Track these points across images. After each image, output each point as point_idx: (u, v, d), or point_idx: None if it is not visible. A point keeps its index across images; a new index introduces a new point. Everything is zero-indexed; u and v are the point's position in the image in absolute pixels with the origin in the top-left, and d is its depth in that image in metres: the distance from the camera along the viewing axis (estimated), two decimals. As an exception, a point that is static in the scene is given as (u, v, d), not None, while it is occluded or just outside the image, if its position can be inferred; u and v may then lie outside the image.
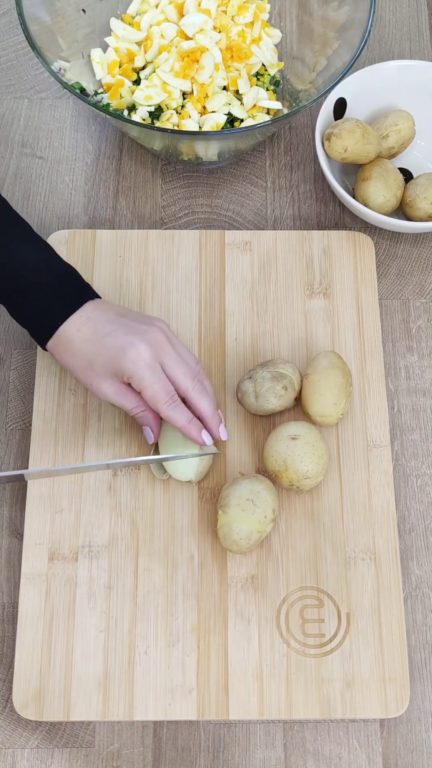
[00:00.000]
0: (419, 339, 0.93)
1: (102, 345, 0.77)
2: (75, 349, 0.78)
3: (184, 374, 0.79)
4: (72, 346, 0.78)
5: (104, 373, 0.78)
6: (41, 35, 0.93)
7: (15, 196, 1.00)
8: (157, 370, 0.77)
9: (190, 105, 0.97)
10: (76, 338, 0.78)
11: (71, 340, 0.78)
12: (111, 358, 0.77)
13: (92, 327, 0.78)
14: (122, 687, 0.76)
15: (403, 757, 0.77)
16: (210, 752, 0.77)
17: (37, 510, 0.82)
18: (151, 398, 0.77)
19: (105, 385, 0.78)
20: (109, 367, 0.77)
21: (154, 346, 0.77)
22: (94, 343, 0.78)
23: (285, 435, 0.79)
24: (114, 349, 0.77)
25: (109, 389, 0.79)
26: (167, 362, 0.78)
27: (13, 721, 0.77)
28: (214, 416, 0.80)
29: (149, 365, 0.76)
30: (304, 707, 0.76)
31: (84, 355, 0.78)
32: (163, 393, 0.77)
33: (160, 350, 0.78)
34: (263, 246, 0.94)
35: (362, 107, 0.99)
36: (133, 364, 0.76)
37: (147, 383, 0.76)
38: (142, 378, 0.76)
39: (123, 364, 0.76)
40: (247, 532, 0.76)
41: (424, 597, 0.82)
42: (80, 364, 0.78)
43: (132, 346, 0.76)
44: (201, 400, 0.79)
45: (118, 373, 0.77)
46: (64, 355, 0.79)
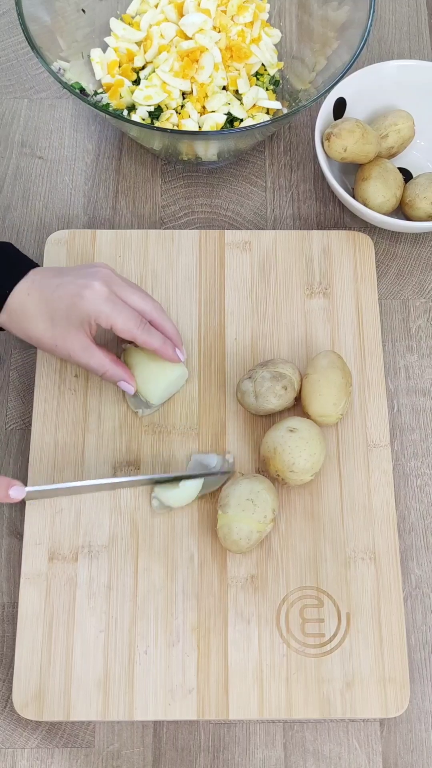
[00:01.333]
0: (419, 339, 0.93)
1: (57, 297, 0.77)
2: (30, 312, 0.78)
3: (143, 299, 0.80)
4: (26, 311, 0.78)
5: (67, 326, 0.77)
6: (41, 35, 0.93)
7: (15, 196, 1.00)
8: (118, 301, 0.78)
9: (190, 105, 0.97)
10: (27, 302, 0.78)
11: (24, 304, 0.78)
12: (70, 306, 0.77)
13: (41, 286, 0.78)
14: (122, 687, 0.76)
15: (403, 757, 0.77)
16: (210, 752, 0.77)
17: (37, 510, 0.82)
18: (123, 327, 0.78)
19: (70, 340, 0.78)
20: (70, 317, 0.77)
21: (107, 282, 0.78)
22: (47, 299, 0.78)
23: (285, 425, 0.80)
24: (70, 296, 0.77)
25: (76, 344, 0.78)
26: (123, 293, 0.79)
27: (13, 721, 0.77)
28: (178, 335, 0.83)
29: (109, 299, 0.77)
30: (304, 707, 0.76)
31: (41, 315, 0.78)
32: (134, 319, 0.78)
33: (113, 284, 0.79)
34: (263, 246, 0.94)
35: (362, 107, 0.99)
36: (94, 303, 0.77)
37: (115, 315, 0.77)
38: (109, 312, 0.77)
39: (84, 306, 0.77)
40: (247, 532, 0.76)
41: (424, 597, 0.82)
42: (40, 326, 0.78)
43: (87, 287, 0.77)
44: (165, 321, 0.82)
45: (83, 318, 0.77)
46: (22, 323, 0.79)
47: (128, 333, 0.78)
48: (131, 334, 0.78)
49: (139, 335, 0.79)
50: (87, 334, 0.79)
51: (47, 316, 0.78)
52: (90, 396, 0.86)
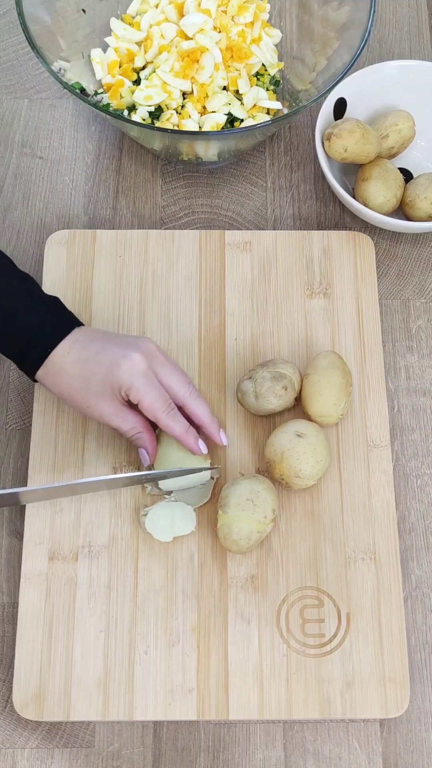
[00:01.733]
0: (419, 339, 0.93)
1: (95, 362, 0.77)
2: (68, 372, 0.78)
3: (179, 382, 0.79)
4: (64, 370, 0.78)
5: (101, 391, 0.77)
6: (41, 35, 0.93)
7: (15, 196, 1.00)
8: (153, 379, 0.77)
9: (190, 105, 0.97)
10: (67, 361, 0.78)
11: (62, 364, 0.78)
12: (106, 373, 0.77)
13: (82, 348, 0.78)
14: (122, 687, 0.76)
15: (403, 757, 0.77)
16: (210, 752, 0.77)
17: (37, 510, 0.82)
18: (149, 407, 0.77)
19: (103, 404, 0.78)
20: (105, 383, 0.77)
21: (147, 356, 0.78)
22: (86, 361, 0.78)
23: (292, 429, 0.80)
24: (108, 363, 0.77)
25: (108, 409, 0.78)
26: (161, 371, 0.78)
27: (13, 721, 0.77)
28: (212, 422, 0.81)
29: (145, 374, 0.77)
30: (304, 707, 0.76)
31: (78, 376, 0.78)
32: (162, 401, 0.77)
33: (154, 360, 0.78)
34: (263, 246, 0.94)
35: (362, 107, 0.99)
36: (129, 375, 0.76)
37: (144, 392, 0.77)
38: (139, 388, 0.76)
39: (119, 376, 0.76)
40: (247, 532, 0.76)
41: (424, 597, 0.82)
42: (75, 386, 0.78)
43: (125, 357, 0.77)
44: (198, 407, 0.80)
45: (114, 387, 0.77)
46: (57, 381, 0.79)
47: (152, 414, 0.78)
48: (155, 416, 0.78)
49: (163, 418, 0.78)
50: (120, 401, 0.78)
51: (83, 379, 0.78)
52: (90, 396, 0.86)
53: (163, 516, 0.79)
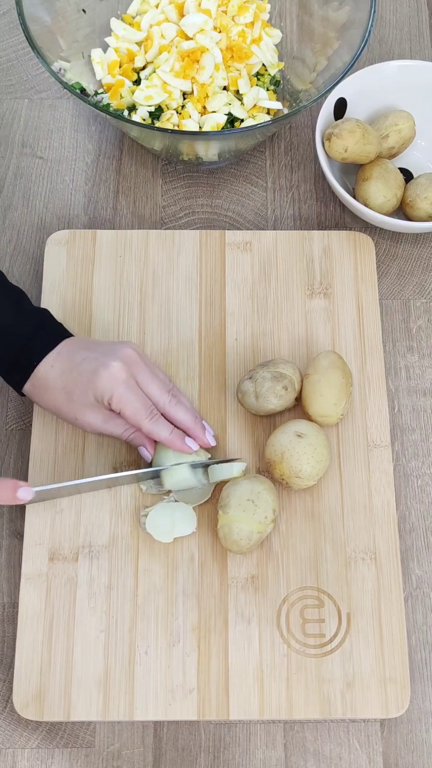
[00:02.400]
0: (419, 339, 0.93)
1: (77, 372, 0.78)
2: (52, 385, 0.79)
3: (160, 389, 0.79)
4: (48, 383, 0.79)
5: (85, 401, 0.78)
6: (41, 35, 0.93)
7: (15, 196, 1.00)
8: (134, 386, 0.78)
9: (191, 105, 0.97)
10: (50, 373, 0.79)
11: (47, 376, 0.79)
12: (87, 383, 0.77)
13: (65, 359, 0.79)
14: (122, 687, 0.76)
15: (404, 757, 0.77)
16: (210, 752, 0.77)
17: (37, 510, 0.82)
18: (131, 415, 0.78)
19: (90, 415, 0.79)
20: (87, 393, 0.78)
21: (127, 364, 0.78)
22: (69, 372, 0.78)
23: (292, 429, 0.80)
24: (88, 373, 0.77)
25: (95, 418, 0.79)
26: (141, 378, 0.79)
27: (13, 721, 0.77)
28: (196, 424, 0.81)
29: (125, 382, 0.77)
30: (304, 707, 0.76)
31: (62, 388, 0.78)
32: (143, 409, 0.78)
33: (134, 367, 0.78)
34: (263, 246, 0.94)
35: (362, 107, 0.99)
36: (109, 383, 0.77)
37: (125, 401, 0.77)
38: (120, 396, 0.77)
39: (99, 385, 0.77)
40: (247, 533, 0.76)
41: (424, 597, 0.82)
42: (60, 398, 0.79)
43: (106, 366, 0.77)
44: (178, 412, 0.80)
45: (97, 396, 0.77)
46: (43, 394, 0.79)
47: (135, 421, 0.78)
48: (137, 424, 0.78)
49: (146, 425, 0.78)
50: (105, 407, 0.79)
51: (66, 391, 0.78)
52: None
53: (163, 517, 0.79)
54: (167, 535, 0.79)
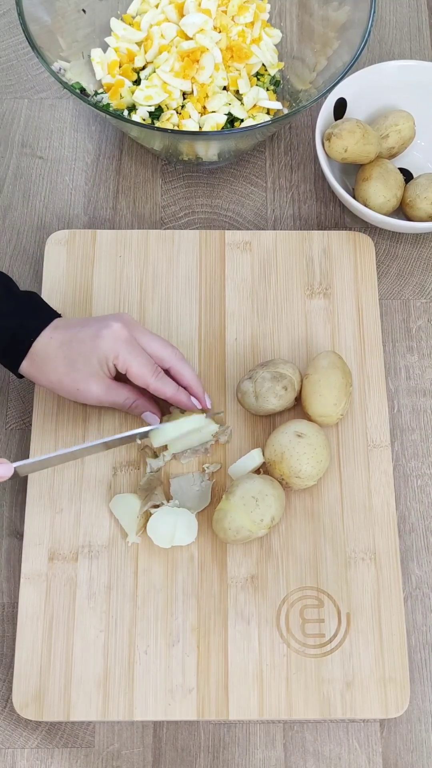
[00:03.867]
0: (419, 339, 0.93)
1: (77, 339, 0.78)
2: (52, 357, 0.78)
3: (162, 346, 0.80)
4: (49, 356, 0.78)
5: (88, 369, 0.78)
6: (41, 35, 0.93)
7: (15, 196, 1.00)
8: (136, 345, 0.78)
9: (191, 105, 0.97)
10: (50, 346, 0.78)
11: (46, 350, 0.78)
12: (90, 347, 0.77)
13: (63, 331, 0.79)
14: (122, 687, 0.76)
15: (403, 758, 0.77)
16: (210, 752, 0.77)
17: (37, 510, 0.82)
18: (137, 373, 0.78)
19: (93, 384, 0.79)
20: (90, 359, 0.77)
21: (127, 325, 0.79)
22: (69, 342, 0.78)
23: (292, 429, 0.80)
24: (90, 338, 0.78)
25: (98, 388, 0.79)
26: (142, 339, 0.79)
27: (13, 721, 0.77)
28: (198, 383, 0.82)
29: (128, 341, 0.78)
30: (304, 707, 0.76)
31: (63, 358, 0.78)
32: (149, 366, 0.78)
33: (133, 328, 0.79)
34: (263, 246, 0.94)
35: (362, 107, 0.99)
36: (112, 343, 0.77)
37: (131, 359, 0.77)
38: (126, 355, 0.77)
39: (102, 346, 0.77)
40: (237, 526, 0.76)
41: (424, 597, 0.82)
42: (61, 370, 0.78)
43: (106, 327, 0.78)
44: (184, 368, 0.81)
45: (101, 359, 0.77)
46: (44, 370, 0.79)
47: (142, 379, 0.78)
48: (144, 381, 0.79)
49: (152, 382, 0.79)
50: (108, 376, 0.79)
51: (68, 360, 0.78)
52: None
53: (165, 523, 0.79)
54: (167, 542, 0.79)
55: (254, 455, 0.82)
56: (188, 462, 0.83)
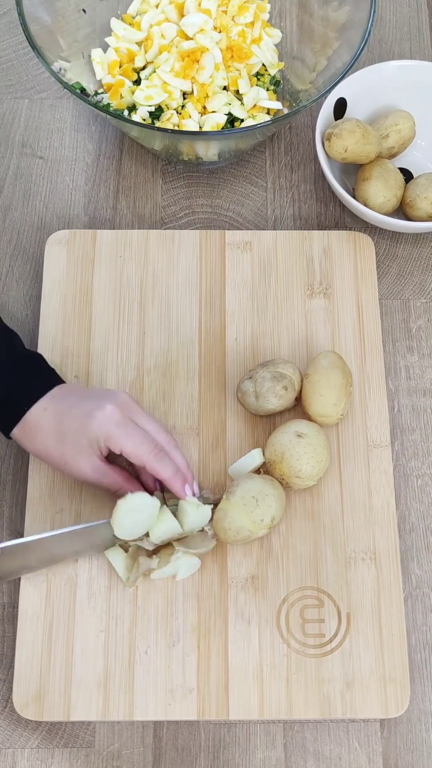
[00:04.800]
0: (419, 339, 0.93)
1: (70, 415, 0.75)
2: (43, 429, 0.76)
3: (157, 430, 0.78)
4: (40, 427, 0.76)
5: (78, 446, 0.75)
6: (41, 35, 0.93)
7: (15, 196, 1.00)
8: (131, 425, 0.75)
9: (191, 105, 0.97)
10: (42, 417, 0.76)
11: (38, 420, 0.76)
12: (81, 426, 0.75)
13: (58, 403, 0.76)
14: (122, 687, 0.76)
15: (404, 757, 0.77)
16: (210, 752, 0.77)
17: (37, 510, 0.82)
18: (133, 451, 0.75)
19: (81, 462, 0.76)
20: (80, 438, 0.75)
21: (121, 407, 0.76)
22: (62, 416, 0.76)
23: (292, 429, 0.80)
24: (82, 416, 0.75)
25: (86, 467, 0.76)
26: (138, 419, 0.77)
27: (13, 721, 0.77)
28: (188, 471, 0.79)
29: (121, 422, 0.75)
30: (304, 707, 0.76)
31: (53, 432, 0.76)
32: (146, 443, 0.75)
33: (129, 410, 0.77)
34: (263, 246, 0.94)
35: (362, 107, 0.99)
36: (103, 425, 0.74)
37: (124, 439, 0.75)
38: (118, 436, 0.75)
39: (93, 428, 0.74)
40: (237, 526, 0.76)
41: (424, 597, 0.82)
42: (51, 442, 0.76)
43: (99, 408, 0.75)
44: (177, 455, 0.78)
45: (91, 440, 0.75)
46: (33, 438, 0.77)
47: (138, 458, 0.75)
48: (141, 459, 0.75)
49: (150, 461, 0.75)
50: (98, 456, 0.76)
51: (58, 434, 0.76)
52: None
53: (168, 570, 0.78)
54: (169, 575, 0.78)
55: (254, 455, 0.81)
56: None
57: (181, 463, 0.78)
